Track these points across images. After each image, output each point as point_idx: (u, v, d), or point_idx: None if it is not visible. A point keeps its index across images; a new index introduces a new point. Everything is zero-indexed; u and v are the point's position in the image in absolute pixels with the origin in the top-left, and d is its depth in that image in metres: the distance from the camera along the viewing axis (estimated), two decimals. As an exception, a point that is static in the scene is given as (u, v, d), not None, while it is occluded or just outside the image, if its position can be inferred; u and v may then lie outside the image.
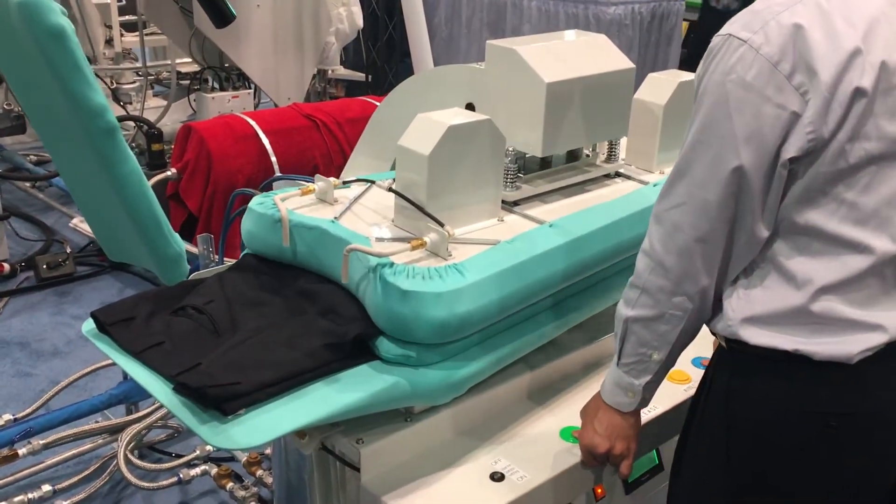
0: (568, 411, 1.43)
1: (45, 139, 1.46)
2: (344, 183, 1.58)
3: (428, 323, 1.24)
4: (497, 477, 1.27)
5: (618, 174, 1.75)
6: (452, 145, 1.37)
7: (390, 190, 1.44)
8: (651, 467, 1.86)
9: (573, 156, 1.74)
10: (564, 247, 1.42)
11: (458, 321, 1.26)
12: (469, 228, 1.44)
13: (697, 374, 1.53)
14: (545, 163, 1.69)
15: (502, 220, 1.50)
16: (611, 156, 1.76)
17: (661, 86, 1.76)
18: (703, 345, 1.63)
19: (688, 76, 1.78)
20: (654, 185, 1.67)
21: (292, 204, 1.49)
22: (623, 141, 1.80)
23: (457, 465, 1.31)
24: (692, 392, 1.49)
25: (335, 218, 1.43)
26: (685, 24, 5.77)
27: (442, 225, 1.36)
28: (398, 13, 5.15)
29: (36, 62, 1.21)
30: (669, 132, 1.75)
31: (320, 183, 1.52)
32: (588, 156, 1.75)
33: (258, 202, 1.50)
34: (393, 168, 1.47)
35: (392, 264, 1.27)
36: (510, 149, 1.56)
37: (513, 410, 1.42)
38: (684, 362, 1.57)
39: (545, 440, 1.36)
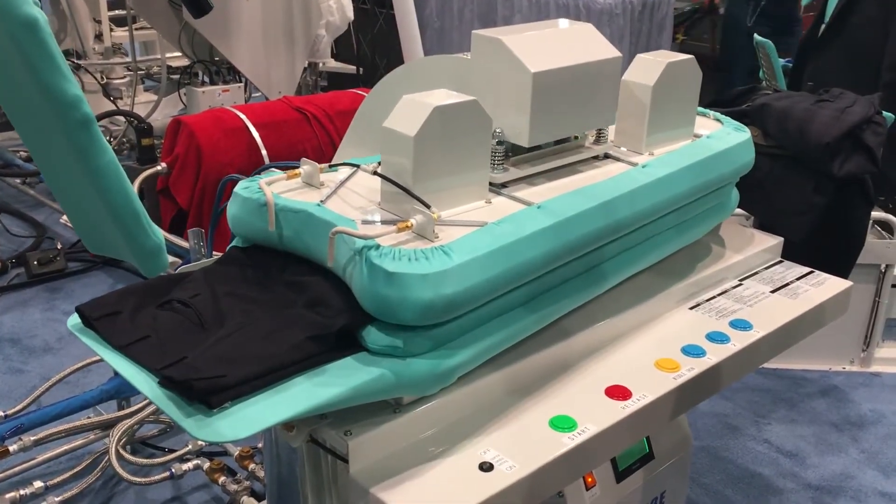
0: (557, 401, 1.42)
1: (22, 133, 1.44)
2: (330, 166, 1.57)
3: (414, 304, 1.22)
4: (486, 467, 1.26)
5: (606, 156, 1.74)
6: (438, 126, 1.35)
7: (375, 173, 1.43)
8: (641, 455, 1.86)
9: (561, 138, 1.72)
10: (552, 228, 1.40)
11: (444, 302, 1.24)
12: (456, 210, 1.43)
13: (686, 363, 1.52)
14: (533, 145, 1.68)
15: (490, 202, 1.48)
16: (599, 137, 1.75)
17: (649, 67, 1.75)
18: (692, 334, 1.64)
19: (676, 56, 1.77)
20: (643, 167, 1.66)
21: (278, 188, 1.47)
22: (612, 123, 1.79)
23: (445, 455, 1.29)
24: (681, 381, 1.49)
25: (321, 201, 1.41)
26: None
27: (428, 207, 1.34)
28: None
29: (9, 54, 1.20)
30: (658, 113, 1.74)
31: (306, 167, 1.51)
32: (576, 138, 1.74)
33: (244, 186, 1.48)
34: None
35: (378, 246, 1.25)
36: (497, 130, 1.55)
37: (501, 400, 1.40)
38: (674, 350, 1.57)
39: (534, 430, 1.35)
